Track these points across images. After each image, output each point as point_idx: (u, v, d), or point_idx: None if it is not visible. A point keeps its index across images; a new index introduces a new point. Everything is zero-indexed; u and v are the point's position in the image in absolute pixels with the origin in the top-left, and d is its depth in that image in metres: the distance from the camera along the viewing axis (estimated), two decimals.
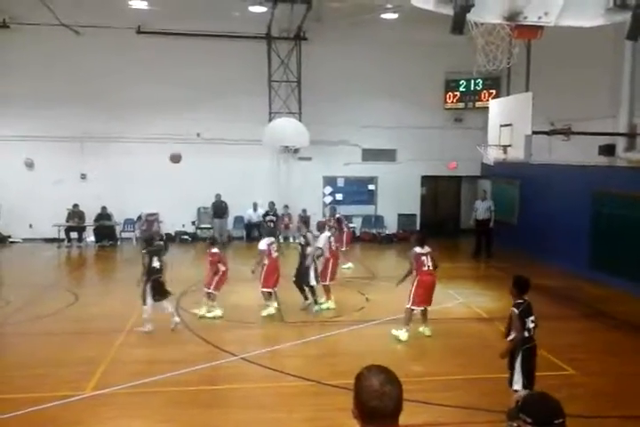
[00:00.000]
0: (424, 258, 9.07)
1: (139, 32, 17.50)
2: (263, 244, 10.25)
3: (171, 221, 18.35)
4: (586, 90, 13.49)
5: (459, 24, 3.44)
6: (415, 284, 9.00)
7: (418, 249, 9.09)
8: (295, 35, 18.04)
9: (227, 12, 16.44)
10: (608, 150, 12.49)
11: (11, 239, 17.72)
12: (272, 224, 17.17)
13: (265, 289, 10.21)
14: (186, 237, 18.45)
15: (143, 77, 17.58)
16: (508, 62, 4.38)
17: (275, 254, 10.24)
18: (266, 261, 10.11)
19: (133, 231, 18.20)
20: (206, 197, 17.80)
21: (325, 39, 17.88)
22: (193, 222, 18.63)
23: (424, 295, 9.04)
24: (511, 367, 5.97)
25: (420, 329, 9.33)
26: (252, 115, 17.72)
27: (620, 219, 12.34)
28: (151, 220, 18.22)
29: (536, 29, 3.72)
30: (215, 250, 10.17)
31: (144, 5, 15.19)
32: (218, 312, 10.02)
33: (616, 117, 12.32)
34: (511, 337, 5.96)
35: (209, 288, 10.02)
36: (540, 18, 3.62)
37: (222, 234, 17.82)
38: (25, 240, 17.68)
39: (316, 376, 7.34)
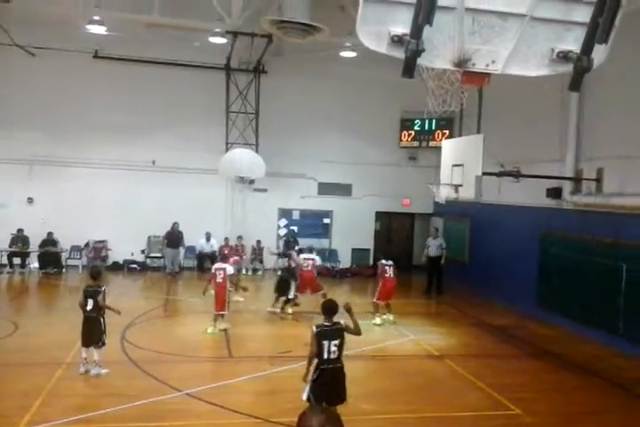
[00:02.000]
0: (387, 267, 12.34)
1: (95, 56, 17.35)
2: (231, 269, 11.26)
3: (119, 249, 17.90)
4: (535, 134, 14.01)
5: (409, 68, 3.53)
6: (380, 286, 12.40)
7: (383, 261, 12.50)
8: (255, 67, 18.24)
9: (187, 42, 16.52)
10: (555, 193, 12.91)
11: None
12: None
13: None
14: (134, 265, 17.98)
15: (98, 102, 17.39)
16: (457, 106, 4.51)
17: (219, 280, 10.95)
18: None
19: (80, 259, 17.63)
20: (158, 225, 17.44)
21: (285, 73, 18.14)
22: (142, 251, 18.19)
23: (385, 293, 12.31)
24: (305, 379, 6.22)
25: (385, 316, 12.33)
26: (209, 144, 17.69)
27: (566, 260, 12.67)
28: (99, 247, 17.75)
29: (483, 76, 3.86)
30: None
31: (103, 31, 15.10)
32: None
33: (563, 161, 12.80)
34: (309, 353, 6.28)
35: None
36: (487, 65, 3.75)
37: (174, 264, 17.46)
38: None
39: (263, 414, 7.13)
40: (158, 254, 18.05)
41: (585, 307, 11.91)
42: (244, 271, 18.42)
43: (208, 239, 18.12)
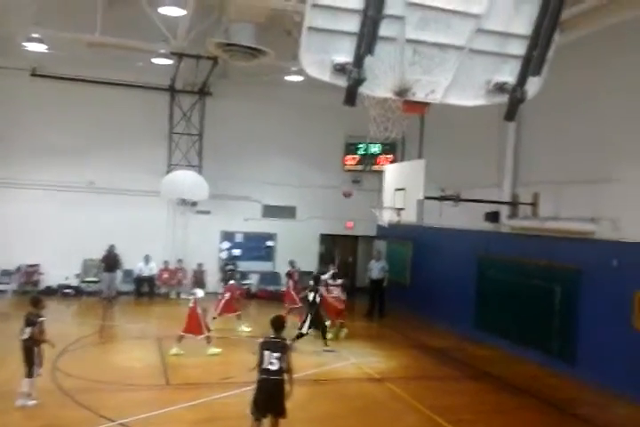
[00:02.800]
0: (332, 287, 13.07)
1: (33, 75, 16.85)
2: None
3: (53, 273, 17.17)
4: (474, 159, 14.46)
5: (351, 96, 3.59)
6: (327, 304, 12.72)
7: (330, 281, 13.23)
8: (200, 89, 18.14)
9: (130, 62, 16.27)
10: (493, 217, 13.31)
11: None
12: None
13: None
14: (69, 290, 17.26)
15: (35, 121, 16.85)
16: (398, 133, 4.62)
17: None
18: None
19: (9, 284, 16.79)
20: (94, 248, 16.81)
21: (230, 95, 18.11)
22: (77, 275, 17.51)
23: (333, 311, 12.90)
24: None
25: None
26: (151, 166, 17.37)
27: (502, 282, 13.01)
28: (31, 271, 16.99)
29: (423, 105, 3.96)
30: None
31: (42, 48, 14.69)
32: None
33: (500, 186, 13.23)
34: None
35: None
36: (427, 95, 3.86)
37: (110, 288, 16.88)
38: None
39: None
40: (94, 278, 17.41)
41: (521, 328, 12.23)
42: (183, 295, 18.01)
43: (147, 262, 17.67)
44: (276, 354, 6.45)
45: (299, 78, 16.36)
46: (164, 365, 10.40)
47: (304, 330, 11.90)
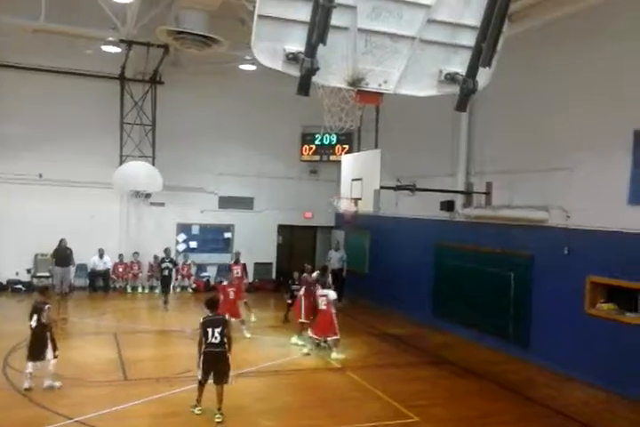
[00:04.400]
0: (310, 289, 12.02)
1: None
2: None
3: (3, 268, 16.61)
4: (429, 149, 14.62)
5: (304, 86, 3.56)
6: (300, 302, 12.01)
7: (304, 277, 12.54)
8: (151, 77, 17.73)
9: (78, 50, 15.78)
10: (448, 206, 13.51)
11: None
12: (167, 272, 15.80)
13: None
14: (19, 286, 16.76)
15: None
16: (353, 124, 4.61)
17: None
18: None
19: None
20: (45, 242, 16.25)
21: (183, 84, 17.77)
22: (28, 271, 17.00)
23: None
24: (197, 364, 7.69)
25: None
26: (102, 157, 16.89)
27: (459, 269, 13.25)
28: None
29: (377, 96, 3.96)
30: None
31: None
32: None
33: (455, 176, 13.42)
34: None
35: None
36: (380, 85, 3.86)
37: (64, 283, 16.43)
38: None
39: None
40: (46, 273, 16.92)
41: (478, 315, 12.50)
42: (139, 289, 17.76)
43: (101, 256, 17.29)
44: (217, 329, 7.62)
45: (252, 68, 16.21)
46: (121, 360, 10.22)
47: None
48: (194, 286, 18.09)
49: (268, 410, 8.12)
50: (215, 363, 7.64)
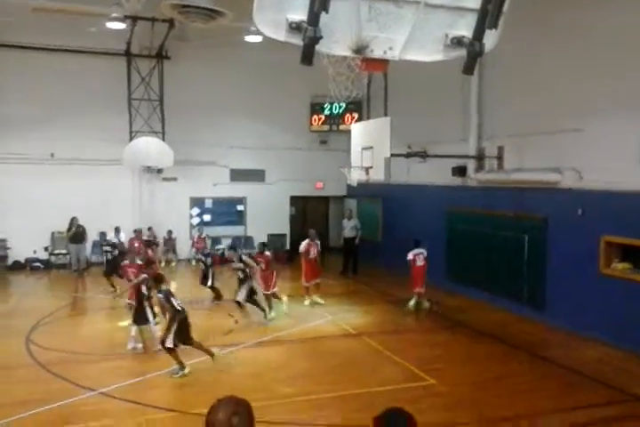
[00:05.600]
0: (311, 248, 12.79)
1: None
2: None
3: (21, 247, 16.91)
4: (439, 115, 14.47)
5: (308, 55, 3.53)
6: (304, 267, 12.82)
7: (308, 240, 12.87)
8: (157, 53, 17.61)
9: (83, 27, 15.67)
10: (460, 172, 13.44)
11: None
12: (110, 255, 14.67)
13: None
14: (38, 264, 17.07)
15: None
16: (360, 92, 4.58)
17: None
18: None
19: None
20: (61, 221, 16.52)
21: (189, 58, 17.65)
22: (46, 248, 17.28)
23: (311, 273, 12.74)
24: (167, 329, 8.24)
25: (314, 298, 12.72)
26: (112, 134, 16.94)
27: (471, 234, 13.27)
28: None
29: (382, 63, 3.92)
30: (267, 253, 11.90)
31: None
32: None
33: (466, 141, 13.31)
34: (169, 315, 8.33)
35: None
36: (385, 52, 3.81)
37: (80, 260, 16.72)
38: None
39: (180, 407, 7.05)
40: (63, 251, 17.22)
41: (492, 278, 12.57)
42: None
43: (117, 232, 17.47)
44: (178, 301, 8.44)
45: (258, 39, 15.99)
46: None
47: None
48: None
49: (286, 377, 8.29)
50: (187, 327, 8.45)
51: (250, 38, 16.30)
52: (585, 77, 10.24)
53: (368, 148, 11.44)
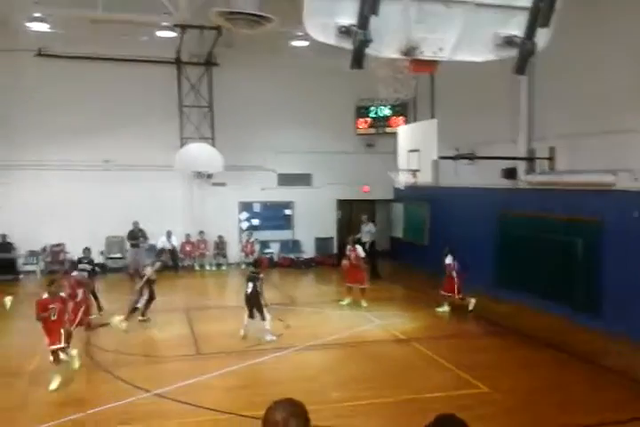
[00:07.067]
0: (352, 253, 13.31)
1: (39, 55, 16.76)
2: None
3: (78, 251, 17.40)
4: (488, 116, 14.23)
5: (358, 59, 3.53)
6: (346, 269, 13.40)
7: (349, 246, 13.55)
8: (206, 60, 17.96)
9: (135, 37, 16.13)
10: (509, 174, 13.18)
11: None
12: (86, 274, 13.05)
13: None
14: (95, 267, 17.53)
15: (46, 103, 16.80)
16: (408, 94, 4.56)
17: None
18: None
19: (36, 264, 17.16)
20: (116, 225, 17.08)
21: (237, 65, 17.93)
22: (101, 252, 17.82)
23: (351, 276, 13.22)
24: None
25: (361, 302, 13.02)
26: (164, 140, 17.37)
27: (522, 238, 12.98)
28: (56, 251, 17.30)
29: (432, 64, 3.89)
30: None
31: (46, 28, 14.63)
32: None
33: (516, 142, 13.05)
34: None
35: None
36: (435, 53, 3.78)
37: (137, 264, 17.13)
38: None
39: (235, 408, 7.13)
40: (118, 255, 17.71)
41: (544, 283, 12.25)
42: (207, 267, 18.33)
43: (169, 237, 17.90)
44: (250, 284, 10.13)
45: (304, 43, 16.13)
46: (193, 335, 10.65)
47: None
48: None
49: (336, 382, 8.30)
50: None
51: (296, 43, 16.45)
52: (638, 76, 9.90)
53: (415, 150, 11.36)
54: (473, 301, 12.34)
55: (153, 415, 7.06)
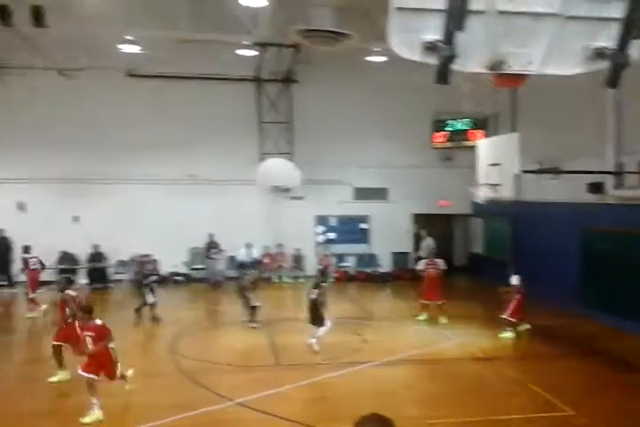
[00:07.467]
0: (428, 267, 13.23)
1: (129, 75, 17.75)
2: None
3: (163, 261, 18.16)
4: (572, 129, 13.74)
5: (443, 74, 3.54)
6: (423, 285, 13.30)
7: (426, 260, 13.63)
8: (285, 77, 18.41)
9: (216, 56, 16.77)
10: (596, 188, 12.65)
11: None
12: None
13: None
14: (179, 277, 18.30)
15: (135, 120, 17.77)
16: (492, 108, 4.51)
17: None
18: None
19: (125, 273, 18.00)
20: (198, 237, 17.75)
21: (315, 81, 18.25)
22: (185, 263, 18.48)
23: (427, 292, 13.08)
24: None
25: (440, 319, 12.77)
26: (244, 155, 17.89)
27: (609, 255, 12.40)
28: (144, 261, 18.04)
29: (520, 78, 3.85)
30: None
31: (136, 49, 15.51)
32: None
33: (602, 156, 12.54)
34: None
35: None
36: (523, 67, 3.75)
37: (216, 274, 17.69)
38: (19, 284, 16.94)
39: (313, 421, 7.21)
40: (201, 266, 18.33)
41: (633, 302, 11.62)
42: (285, 279, 18.62)
43: (248, 249, 18.34)
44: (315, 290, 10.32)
45: (382, 59, 16.23)
46: (272, 346, 10.83)
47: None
48: (335, 275, 18.57)
49: (413, 399, 8.21)
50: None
51: (373, 58, 16.58)
52: None
53: (495, 164, 11.13)
54: (528, 327, 11.72)
55: (234, 424, 7.24)
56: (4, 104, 17.15)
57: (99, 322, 7.58)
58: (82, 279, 17.69)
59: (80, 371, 7.32)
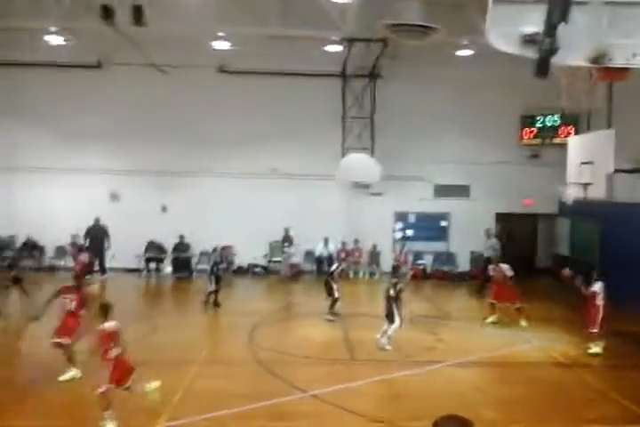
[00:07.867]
0: (495, 272, 12.83)
1: (220, 71, 18.26)
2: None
3: (243, 253, 18.62)
4: None
5: (544, 67, 3.40)
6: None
7: (492, 266, 13.19)
8: (370, 72, 18.33)
9: (304, 52, 16.93)
10: None
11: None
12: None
13: None
14: (258, 269, 18.70)
15: (224, 115, 18.31)
16: (591, 103, 4.28)
17: None
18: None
19: (208, 263, 18.54)
20: (277, 230, 18.06)
21: (400, 76, 18.06)
22: (265, 255, 18.85)
23: (496, 293, 12.69)
24: None
25: (521, 322, 12.26)
26: (326, 150, 17.99)
27: None
28: (225, 252, 18.54)
29: (622, 72, 3.63)
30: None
31: (227, 46, 15.93)
32: None
33: None
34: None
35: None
36: (627, 60, 3.53)
37: (286, 268, 17.95)
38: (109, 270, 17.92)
39: (386, 418, 7.16)
40: (279, 258, 18.65)
41: None
42: (360, 275, 18.60)
43: (326, 244, 18.45)
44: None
45: (469, 53, 15.84)
46: (346, 341, 10.86)
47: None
48: (411, 273, 18.34)
49: (490, 401, 7.99)
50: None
51: (460, 53, 16.20)
52: None
53: (588, 163, 10.62)
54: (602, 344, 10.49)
55: (309, 416, 7.28)
56: (102, 99, 18.12)
57: (113, 324, 6.94)
58: (167, 268, 18.43)
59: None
